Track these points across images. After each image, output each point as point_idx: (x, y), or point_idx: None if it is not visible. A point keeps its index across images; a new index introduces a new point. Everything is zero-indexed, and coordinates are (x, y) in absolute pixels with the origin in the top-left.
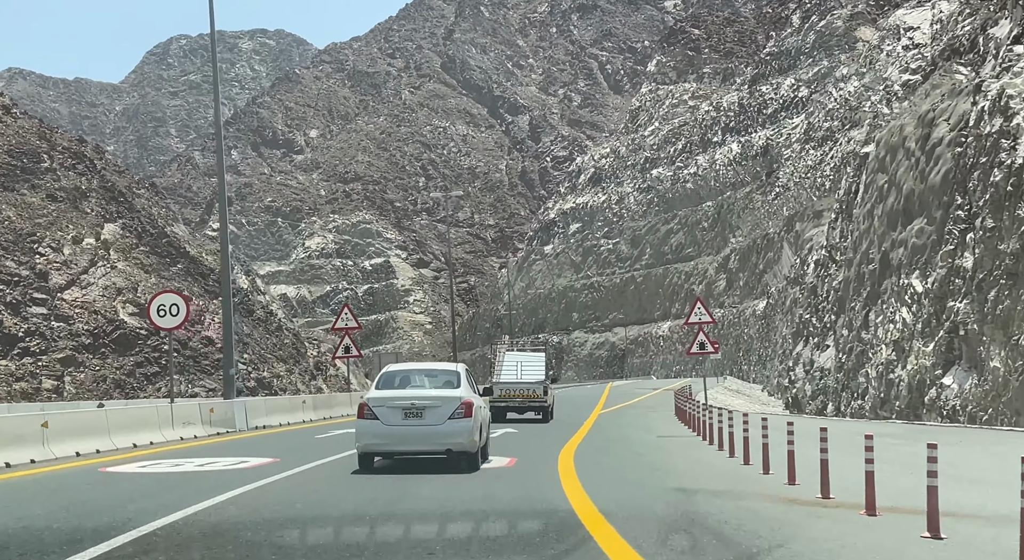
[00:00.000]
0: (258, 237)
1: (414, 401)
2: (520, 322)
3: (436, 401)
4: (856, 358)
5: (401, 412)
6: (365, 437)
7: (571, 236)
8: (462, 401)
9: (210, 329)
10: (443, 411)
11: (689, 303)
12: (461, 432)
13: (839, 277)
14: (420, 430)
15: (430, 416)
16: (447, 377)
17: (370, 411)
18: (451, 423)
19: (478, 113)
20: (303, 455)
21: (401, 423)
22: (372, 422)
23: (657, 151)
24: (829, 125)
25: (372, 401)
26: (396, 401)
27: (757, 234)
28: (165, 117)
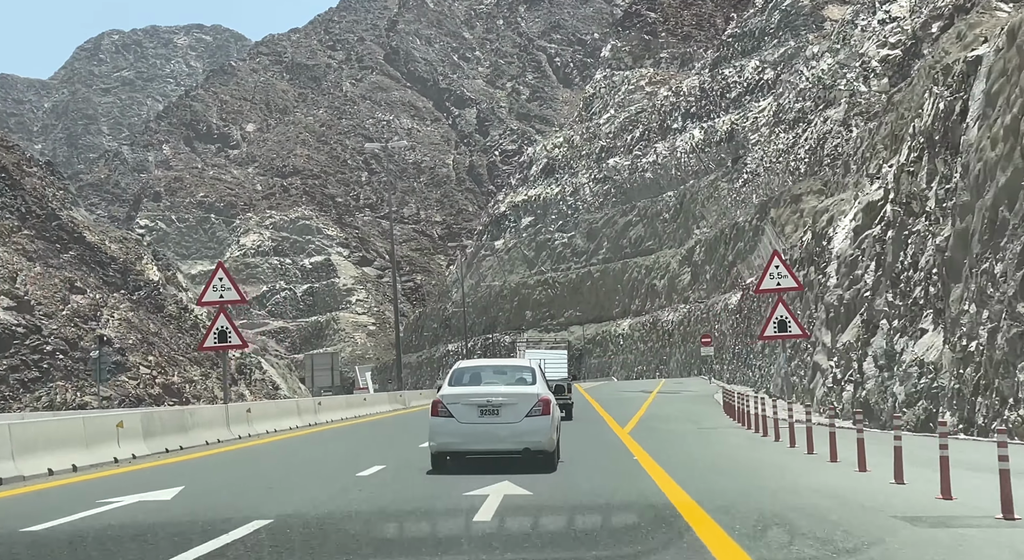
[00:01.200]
0: (189, 234)
1: (490, 398)
2: (470, 321)
3: (513, 398)
4: (1010, 345)
5: (476, 410)
6: (440, 436)
7: (523, 230)
8: (540, 398)
9: (108, 326)
10: (520, 408)
11: (651, 299)
12: (539, 430)
13: (944, 233)
14: (497, 428)
15: (507, 414)
16: (520, 373)
17: (444, 409)
18: (528, 421)
19: (423, 106)
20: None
21: (477, 421)
22: (447, 420)
23: (613, 140)
24: (801, 106)
25: (446, 398)
26: (471, 398)
27: (725, 223)
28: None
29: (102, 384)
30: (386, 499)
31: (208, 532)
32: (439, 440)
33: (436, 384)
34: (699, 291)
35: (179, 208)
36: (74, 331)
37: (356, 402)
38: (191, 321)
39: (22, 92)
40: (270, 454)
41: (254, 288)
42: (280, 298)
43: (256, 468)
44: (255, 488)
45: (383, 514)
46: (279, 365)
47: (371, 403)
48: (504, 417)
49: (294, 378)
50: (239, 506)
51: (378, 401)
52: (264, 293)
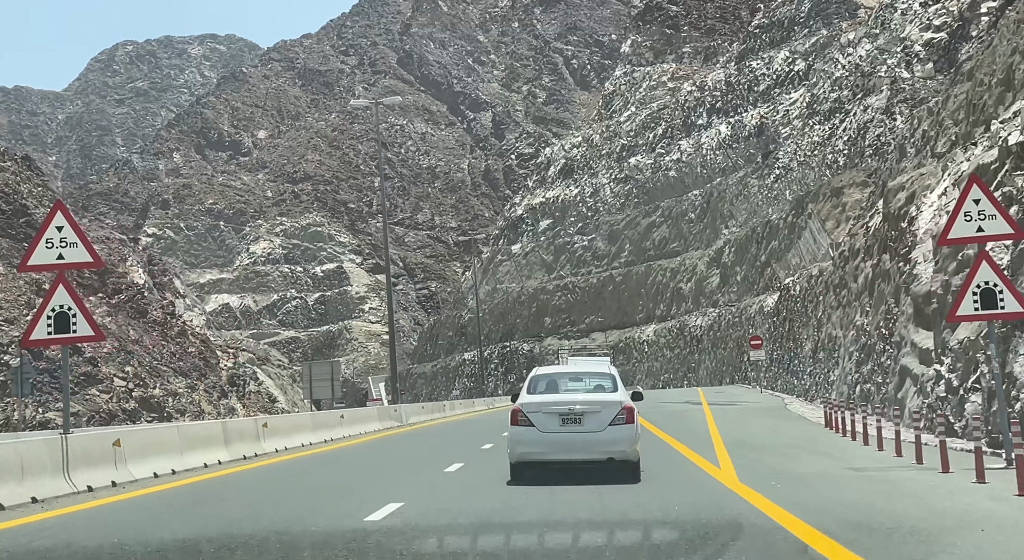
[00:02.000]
0: (198, 243)
1: (572, 406)
2: (487, 329)
3: (596, 406)
4: None
5: (558, 418)
6: (521, 445)
7: (541, 234)
8: (623, 406)
9: None
10: (603, 416)
11: (677, 303)
12: (624, 439)
13: None
14: (579, 437)
15: (590, 422)
16: (600, 380)
17: (525, 417)
18: (612, 429)
19: (437, 110)
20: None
21: (558, 430)
22: (527, 429)
23: (635, 138)
24: (837, 96)
25: (526, 407)
26: (553, 406)
27: (756, 222)
28: (110, 125)
29: (24, 399)
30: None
31: None
32: (520, 450)
33: (512, 392)
34: (729, 294)
35: (187, 216)
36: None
37: (328, 421)
38: (178, 327)
39: (36, 104)
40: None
41: (264, 297)
42: (291, 307)
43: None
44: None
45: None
46: (281, 376)
47: (351, 421)
48: (587, 426)
49: (296, 390)
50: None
51: (363, 418)
52: (275, 302)
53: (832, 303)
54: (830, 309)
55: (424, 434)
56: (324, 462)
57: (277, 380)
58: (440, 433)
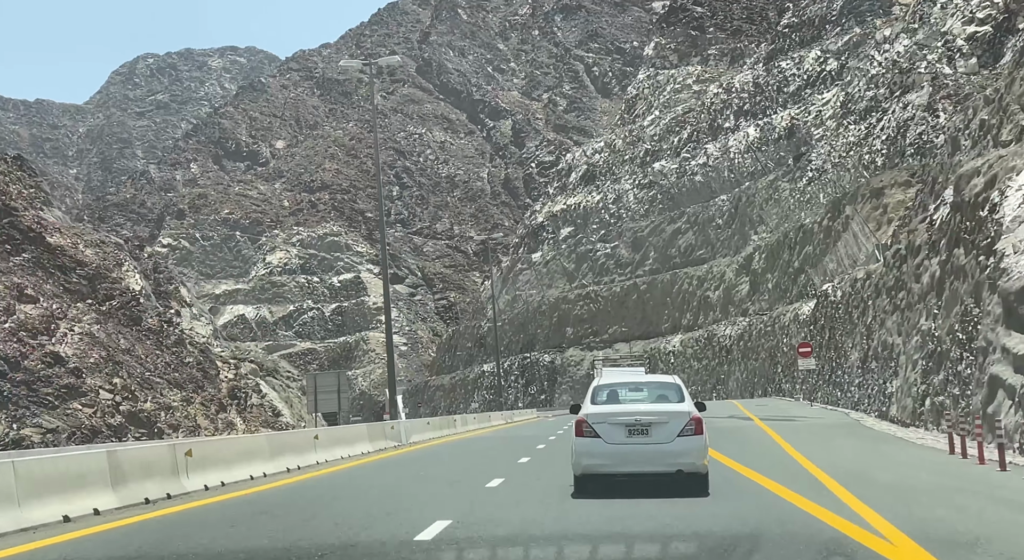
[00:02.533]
0: (214, 253)
1: (639, 417)
2: (506, 339)
3: (663, 417)
4: None
5: (624, 429)
6: (586, 457)
7: (562, 241)
8: (691, 416)
9: (64, 343)
10: (671, 428)
11: (704, 312)
12: (693, 451)
13: None
14: (647, 449)
15: (657, 433)
16: (665, 390)
17: (590, 428)
18: (681, 441)
19: (456, 119)
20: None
21: (625, 441)
22: (593, 440)
23: (659, 142)
24: (873, 94)
25: (592, 417)
26: (618, 417)
27: (788, 227)
28: (131, 138)
29: (50, 413)
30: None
31: None
32: (585, 462)
33: (572, 405)
34: (760, 302)
35: (203, 226)
36: (17, 348)
37: (296, 443)
38: (175, 336)
39: (57, 117)
40: None
41: (280, 308)
42: (308, 318)
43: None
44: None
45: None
46: (288, 388)
47: (331, 443)
48: (655, 437)
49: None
50: None
51: (348, 438)
52: (291, 313)
53: (886, 307)
54: (883, 314)
55: (423, 459)
56: (257, 511)
57: (282, 392)
58: (443, 457)
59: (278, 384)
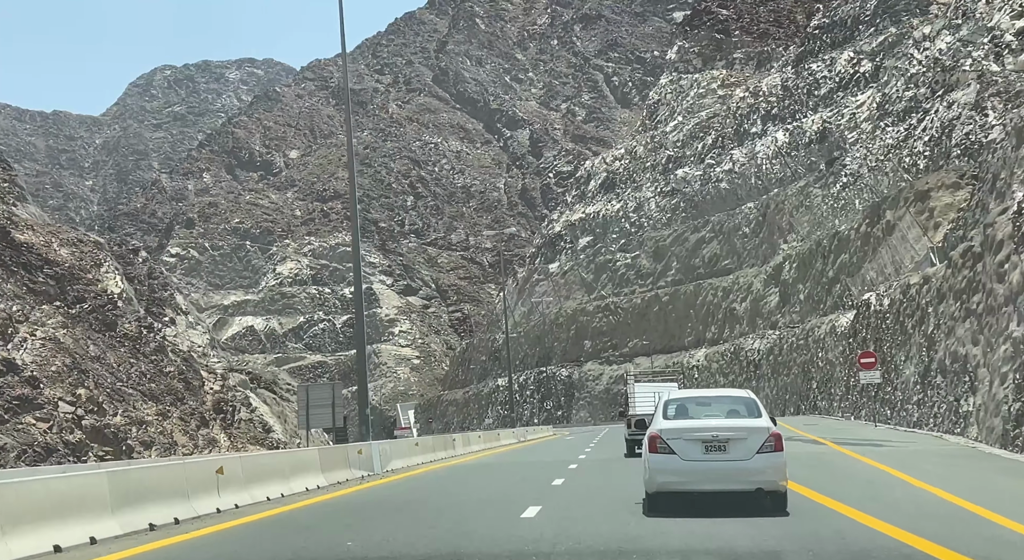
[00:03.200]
0: (223, 263)
1: (716, 433)
2: (522, 353)
3: (742, 432)
4: None
5: (701, 446)
6: (661, 474)
7: (581, 251)
8: (771, 432)
9: (22, 349)
10: (750, 444)
11: (730, 325)
12: (773, 468)
13: None
14: (724, 466)
15: (735, 450)
16: (738, 404)
17: (664, 444)
18: (760, 458)
19: (473, 128)
20: None
21: (702, 458)
22: (668, 457)
23: (682, 148)
24: (913, 94)
25: (666, 433)
26: (695, 433)
27: (821, 235)
28: (147, 150)
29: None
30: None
31: None
32: (660, 479)
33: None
34: (791, 314)
35: (213, 235)
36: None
37: (196, 481)
38: (155, 343)
39: (74, 128)
40: None
41: (290, 319)
42: (318, 330)
43: None
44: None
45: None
46: (288, 400)
47: (246, 479)
48: (733, 453)
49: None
50: None
51: (281, 469)
52: (301, 324)
53: (955, 314)
54: (951, 321)
55: (393, 500)
56: None
57: (276, 407)
58: (426, 495)
59: (272, 397)
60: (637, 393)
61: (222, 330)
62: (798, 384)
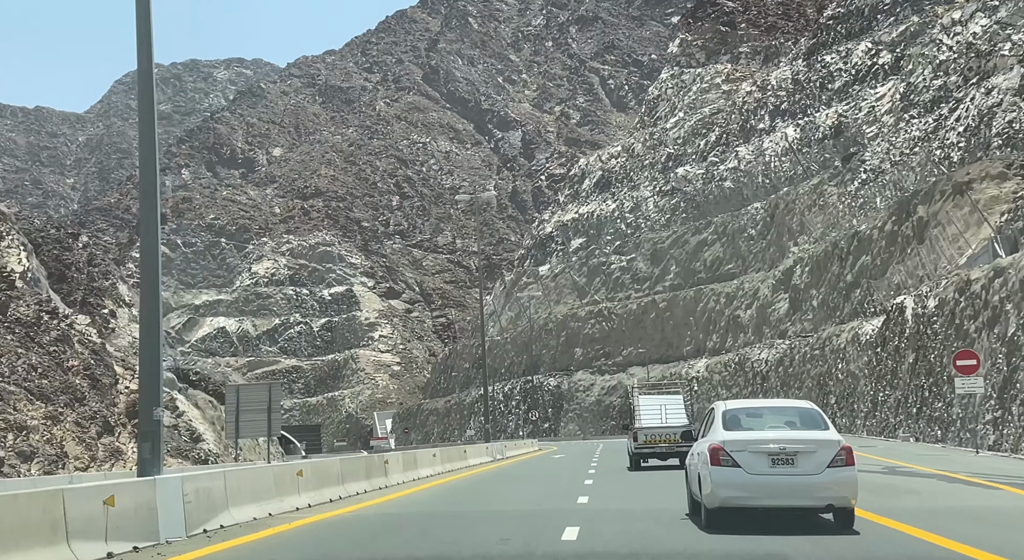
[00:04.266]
0: (196, 260)
1: (784, 445)
2: (508, 361)
3: (811, 445)
4: None
5: (767, 459)
6: (724, 488)
7: (573, 253)
8: (842, 446)
9: None
10: (820, 457)
11: (733, 334)
12: (844, 484)
13: None
14: (792, 481)
15: (804, 464)
16: (803, 415)
17: (728, 457)
18: (831, 472)
19: (463, 128)
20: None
21: (768, 472)
22: (733, 470)
23: (683, 146)
24: (942, 83)
25: (730, 444)
26: (761, 445)
27: (838, 236)
28: (131, 148)
29: None
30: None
31: None
32: (724, 494)
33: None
34: (802, 322)
35: (186, 231)
36: None
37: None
38: (56, 331)
39: (56, 125)
40: None
41: (265, 321)
42: (294, 333)
43: None
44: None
45: None
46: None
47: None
48: (801, 467)
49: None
50: None
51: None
52: (276, 327)
53: None
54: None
55: None
56: None
57: (212, 410)
58: None
59: (207, 400)
60: (643, 406)
61: (192, 331)
62: (812, 398)
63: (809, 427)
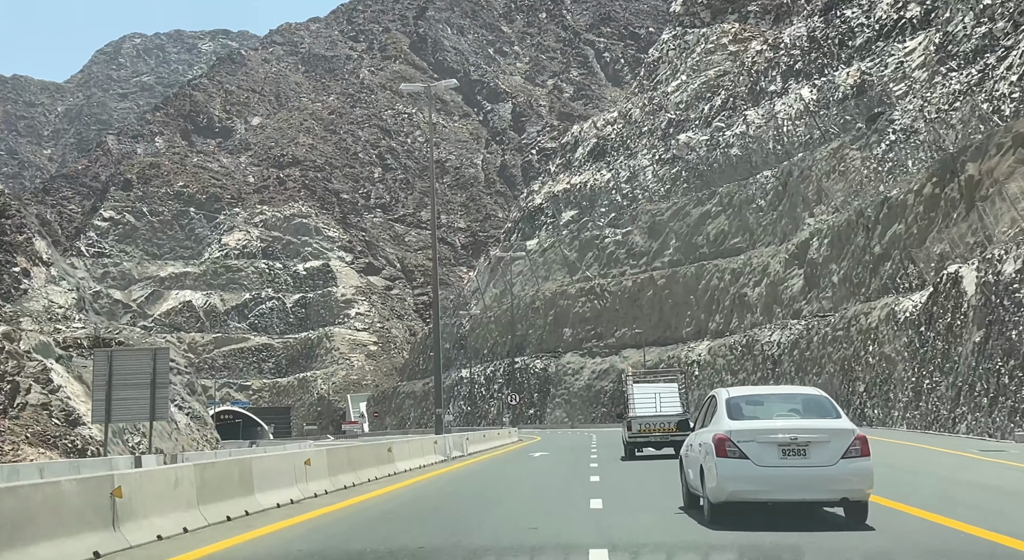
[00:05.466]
0: (163, 230)
1: (796, 435)
2: (491, 341)
3: (823, 435)
4: None
5: (777, 449)
6: (731, 481)
7: (564, 226)
8: (856, 435)
9: None
10: (833, 448)
11: (739, 314)
12: (859, 476)
13: None
14: (804, 472)
15: (816, 454)
16: (807, 403)
17: (735, 447)
18: (846, 464)
19: (451, 100)
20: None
21: (779, 463)
22: (740, 462)
23: (685, 111)
24: (987, 30)
25: (736, 434)
26: (770, 435)
27: (863, 203)
28: (111, 119)
29: None
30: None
31: None
32: (731, 487)
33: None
34: (820, 301)
35: (152, 199)
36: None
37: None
38: None
39: (35, 94)
40: None
41: (234, 296)
42: (265, 309)
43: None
44: None
45: None
46: None
47: None
48: (814, 458)
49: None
50: None
51: None
52: (246, 302)
53: None
54: None
55: None
56: None
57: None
58: None
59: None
60: (636, 394)
61: (155, 304)
62: (835, 386)
63: (818, 415)
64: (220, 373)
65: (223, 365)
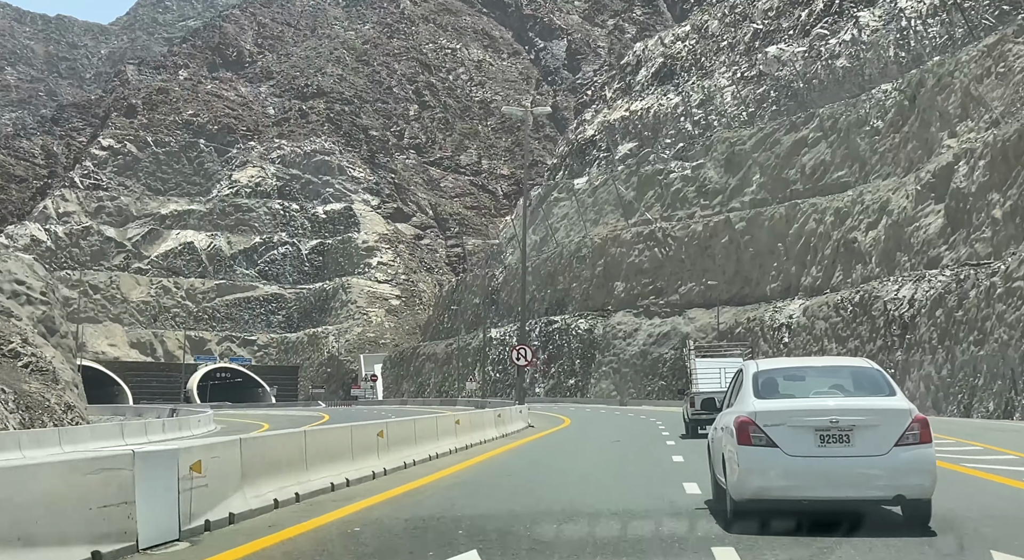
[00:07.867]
0: (167, 163)
1: (836, 417)
2: (528, 296)
3: (872, 416)
4: None
5: (814, 435)
6: (757, 475)
7: (620, 161)
8: (914, 416)
9: None
10: (884, 433)
11: (846, 265)
12: (919, 468)
13: None
14: (849, 463)
15: (863, 441)
16: (856, 377)
17: (761, 433)
18: (901, 452)
19: (500, 36)
20: None
21: (815, 452)
22: (768, 451)
23: (776, 19)
24: None
25: (762, 416)
26: (804, 417)
27: None
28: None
29: None
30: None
31: None
32: (756, 482)
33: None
34: (972, 245)
35: (158, 128)
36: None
37: None
38: None
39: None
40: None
41: (243, 238)
42: (278, 255)
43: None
44: None
45: None
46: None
47: None
48: (860, 446)
49: None
50: None
51: None
52: (256, 246)
53: None
54: None
55: None
56: None
57: None
58: None
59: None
60: (699, 369)
61: (152, 245)
62: (1001, 362)
63: (868, 392)
64: (222, 325)
65: (225, 316)
